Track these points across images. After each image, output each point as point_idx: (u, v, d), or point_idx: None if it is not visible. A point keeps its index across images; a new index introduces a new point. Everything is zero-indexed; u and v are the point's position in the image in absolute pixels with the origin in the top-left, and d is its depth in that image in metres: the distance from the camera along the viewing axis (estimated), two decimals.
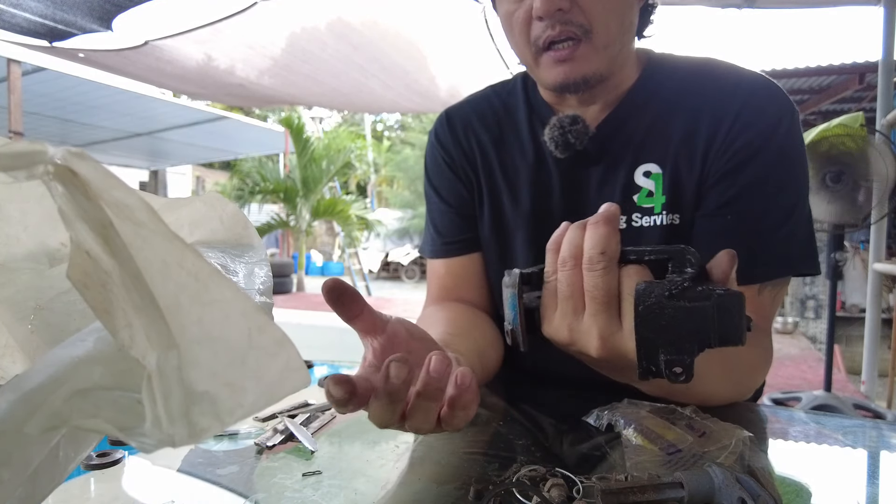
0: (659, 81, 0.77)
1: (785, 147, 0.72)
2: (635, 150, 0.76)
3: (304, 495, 0.47)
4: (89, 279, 0.26)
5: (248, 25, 3.85)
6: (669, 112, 0.75)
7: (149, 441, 0.24)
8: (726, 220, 0.71)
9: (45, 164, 0.23)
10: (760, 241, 0.71)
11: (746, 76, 0.75)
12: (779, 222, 0.71)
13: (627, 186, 0.75)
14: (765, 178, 0.71)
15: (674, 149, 0.74)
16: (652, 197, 0.74)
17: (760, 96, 0.73)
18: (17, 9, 3.35)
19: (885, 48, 2.96)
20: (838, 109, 5.55)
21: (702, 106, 0.74)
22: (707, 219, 0.73)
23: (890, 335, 3.39)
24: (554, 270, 0.49)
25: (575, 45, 0.68)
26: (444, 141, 0.87)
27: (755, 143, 0.71)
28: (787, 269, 0.72)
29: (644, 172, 0.75)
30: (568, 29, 0.67)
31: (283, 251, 13.95)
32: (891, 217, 2.89)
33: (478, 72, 4.49)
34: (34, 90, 6.41)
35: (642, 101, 0.77)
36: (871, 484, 0.52)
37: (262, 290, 0.36)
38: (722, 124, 0.72)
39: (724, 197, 0.72)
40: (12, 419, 0.25)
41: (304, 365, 0.25)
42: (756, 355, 0.70)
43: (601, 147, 0.77)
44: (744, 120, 0.71)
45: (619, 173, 0.76)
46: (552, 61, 0.69)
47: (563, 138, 0.74)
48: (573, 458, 0.56)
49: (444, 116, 0.89)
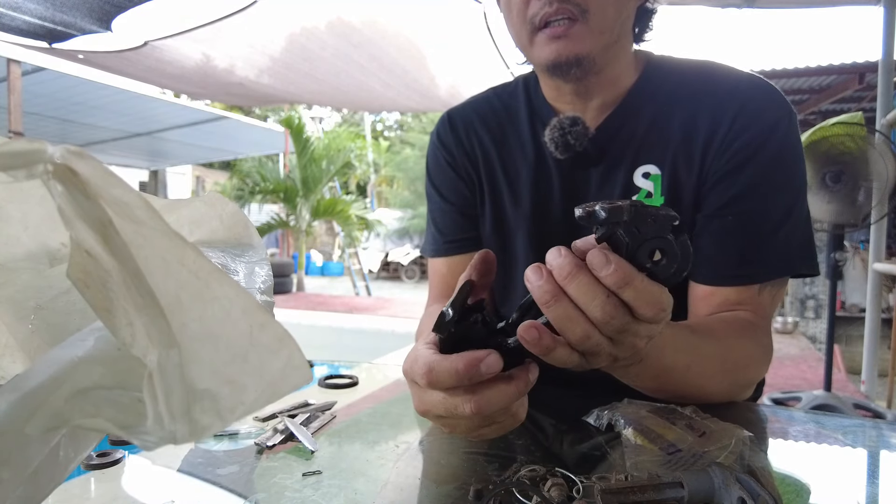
0: (658, 83, 0.78)
1: (783, 148, 0.72)
2: (634, 151, 0.77)
3: (303, 495, 0.47)
4: (90, 278, 0.26)
5: (248, 24, 3.85)
6: (668, 113, 0.76)
7: (150, 439, 0.24)
8: (727, 220, 0.72)
9: (45, 163, 0.23)
10: (760, 241, 0.71)
11: (745, 78, 0.76)
12: (778, 223, 0.72)
13: (626, 187, 0.76)
14: (763, 179, 0.71)
15: (672, 150, 0.75)
16: (651, 198, 0.75)
17: (758, 98, 0.73)
18: (17, 11, 3.35)
19: (885, 48, 2.96)
20: (838, 109, 5.55)
21: (700, 108, 0.75)
22: (708, 219, 0.74)
23: (890, 335, 3.39)
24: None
25: (570, 24, 0.69)
26: (445, 141, 0.88)
27: (754, 144, 0.71)
28: (787, 270, 0.73)
29: (643, 174, 0.76)
30: (565, 7, 0.68)
31: (283, 251, 13.95)
32: (891, 217, 2.89)
33: (478, 71, 4.49)
34: (34, 90, 6.41)
35: (641, 103, 0.78)
36: (871, 484, 0.52)
37: (263, 288, 0.36)
38: (720, 125, 0.73)
39: (724, 198, 0.72)
40: (12, 419, 0.25)
41: (306, 362, 0.25)
42: (755, 352, 0.70)
43: (601, 148, 0.77)
44: (742, 121, 0.72)
45: (618, 174, 0.77)
46: (547, 38, 0.70)
47: (562, 139, 0.74)
48: (573, 458, 0.56)
49: (445, 117, 0.90)
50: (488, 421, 0.45)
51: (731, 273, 0.72)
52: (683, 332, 0.61)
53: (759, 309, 0.72)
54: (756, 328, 0.70)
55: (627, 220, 0.38)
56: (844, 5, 3.49)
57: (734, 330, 0.68)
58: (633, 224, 0.39)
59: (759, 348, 0.70)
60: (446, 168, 0.88)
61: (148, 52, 4.17)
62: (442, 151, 0.88)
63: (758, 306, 0.72)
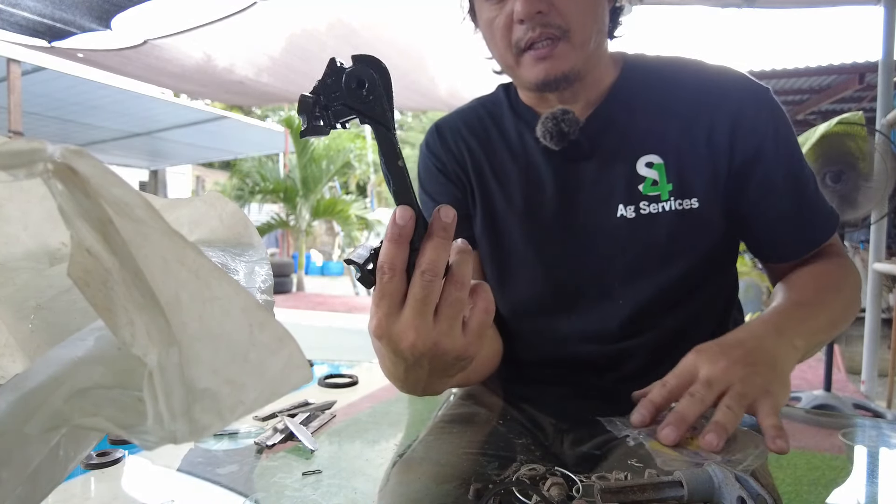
0: (639, 79, 0.82)
1: (785, 120, 0.78)
2: (633, 143, 0.79)
3: (303, 494, 0.47)
4: (90, 277, 0.26)
5: (248, 25, 3.84)
6: (660, 105, 0.80)
7: (150, 438, 0.24)
8: (781, 198, 0.77)
9: (45, 162, 0.23)
10: (812, 204, 0.79)
11: (720, 68, 0.81)
12: (812, 187, 0.79)
13: (631, 178, 0.78)
14: (787, 149, 0.78)
15: (673, 140, 0.78)
16: (657, 186, 0.77)
17: (745, 82, 0.79)
18: (17, 8, 3.35)
19: (885, 48, 2.96)
20: (838, 109, 5.54)
21: (692, 97, 0.79)
22: (761, 201, 0.78)
23: (890, 335, 3.39)
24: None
25: (553, 44, 0.73)
26: (434, 150, 0.91)
27: (771, 124, 0.77)
28: (836, 221, 0.81)
29: (647, 163, 0.78)
30: (547, 31, 0.72)
31: (283, 251, 13.94)
32: (891, 217, 2.89)
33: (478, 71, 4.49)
34: (34, 90, 6.41)
35: (627, 97, 0.81)
36: (871, 483, 0.52)
37: (263, 288, 0.36)
38: (720, 112, 0.76)
39: (767, 179, 0.77)
40: (12, 419, 0.25)
41: (307, 361, 0.25)
42: (851, 281, 0.78)
43: (592, 141, 0.80)
44: (749, 104, 0.77)
45: (617, 167, 0.79)
46: (533, 60, 0.74)
47: (556, 128, 0.77)
48: (573, 458, 0.56)
49: (433, 128, 0.94)
50: (461, 300, 0.43)
51: (810, 238, 0.79)
52: (799, 313, 0.68)
53: (834, 242, 0.81)
54: (841, 258, 0.80)
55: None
56: (844, 5, 3.49)
57: (829, 273, 0.77)
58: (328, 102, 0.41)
59: (851, 276, 0.78)
60: (436, 174, 0.90)
61: (148, 50, 4.17)
62: (431, 159, 0.91)
63: (833, 242, 0.81)
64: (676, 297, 0.77)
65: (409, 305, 0.42)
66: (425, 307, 0.42)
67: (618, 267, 0.77)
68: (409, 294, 0.42)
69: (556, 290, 0.79)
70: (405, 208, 0.41)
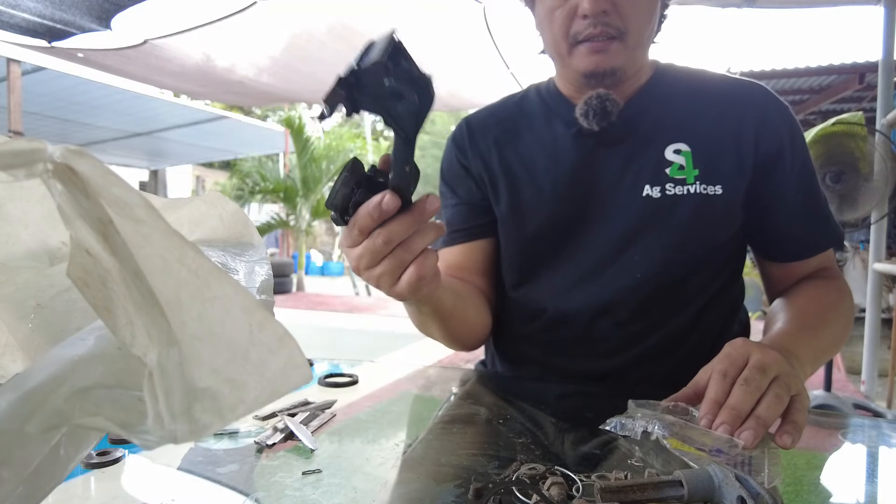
0: (671, 80, 0.89)
1: (802, 134, 0.84)
2: (663, 132, 0.84)
3: (303, 493, 0.47)
4: (90, 277, 0.26)
5: (248, 25, 3.84)
6: (690, 102, 0.86)
7: (151, 438, 0.24)
8: (798, 199, 0.83)
9: (45, 162, 0.23)
10: (823, 211, 0.85)
11: (745, 80, 0.88)
12: (823, 200, 0.85)
13: (659, 161, 0.83)
14: (805, 157, 0.84)
15: (701, 131, 0.83)
16: (683, 170, 0.82)
17: (769, 94, 0.85)
18: (16, 9, 3.35)
19: (885, 48, 2.96)
20: (838, 109, 5.54)
21: (720, 98, 0.85)
22: (780, 203, 0.83)
23: (890, 335, 3.39)
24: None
25: (610, 41, 0.78)
26: (460, 145, 0.96)
27: (791, 133, 0.83)
28: (842, 237, 0.87)
29: (674, 150, 0.83)
30: (607, 29, 0.77)
31: (283, 251, 13.93)
32: (891, 217, 2.88)
33: (478, 71, 4.49)
34: (34, 90, 6.40)
35: (660, 94, 0.87)
36: (871, 483, 0.53)
37: (263, 288, 0.36)
38: (747, 113, 0.82)
39: (790, 181, 0.83)
40: (13, 418, 0.25)
41: (306, 361, 0.25)
42: (847, 302, 0.83)
43: (624, 128, 0.84)
44: (773, 111, 0.83)
45: (647, 152, 0.84)
46: (587, 51, 0.79)
47: (601, 106, 0.81)
48: (573, 457, 0.56)
49: (463, 123, 0.99)
50: (403, 262, 0.52)
51: (815, 242, 0.85)
52: (805, 336, 0.71)
53: (831, 264, 0.87)
54: (838, 280, 0.85)
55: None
56: (844, 5, 3.48)
57: (828, 294, 0.82)
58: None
59: (847, 298, 0.83)
60: (458, 166, 0.95)
61: (148, 50, 4.17)
62: (456, 152, 0.96)
63: (831, 263, 0.87)
64: (691, 281, 0.82)
65: (364, 246, 0.51)
66: (373, 256, 0.51)
67: (639, 241, 0.81)
68: (366, 241, 0.50)
69: (578, 266, 0.84)
70: (395, 198, 0.47)
